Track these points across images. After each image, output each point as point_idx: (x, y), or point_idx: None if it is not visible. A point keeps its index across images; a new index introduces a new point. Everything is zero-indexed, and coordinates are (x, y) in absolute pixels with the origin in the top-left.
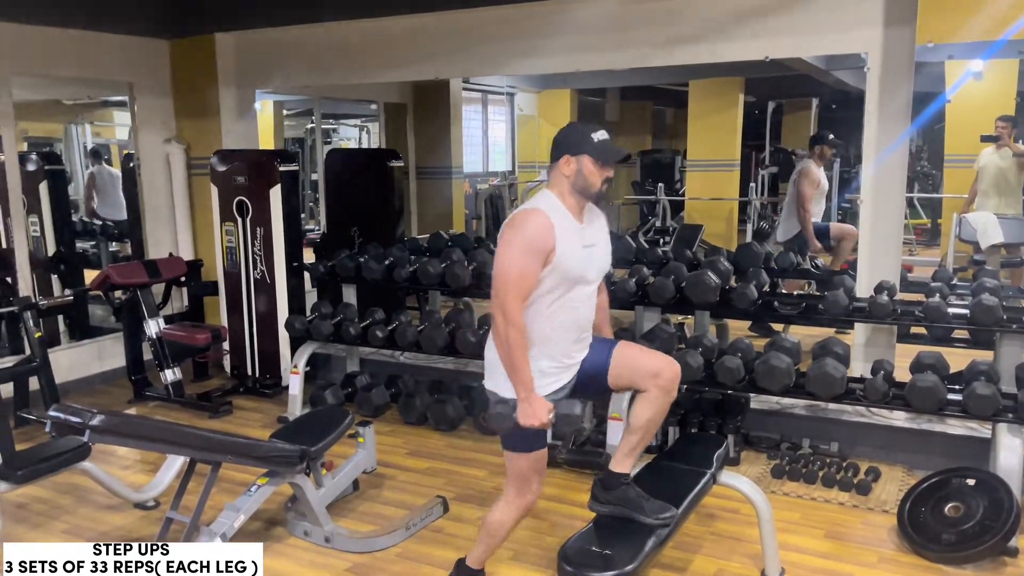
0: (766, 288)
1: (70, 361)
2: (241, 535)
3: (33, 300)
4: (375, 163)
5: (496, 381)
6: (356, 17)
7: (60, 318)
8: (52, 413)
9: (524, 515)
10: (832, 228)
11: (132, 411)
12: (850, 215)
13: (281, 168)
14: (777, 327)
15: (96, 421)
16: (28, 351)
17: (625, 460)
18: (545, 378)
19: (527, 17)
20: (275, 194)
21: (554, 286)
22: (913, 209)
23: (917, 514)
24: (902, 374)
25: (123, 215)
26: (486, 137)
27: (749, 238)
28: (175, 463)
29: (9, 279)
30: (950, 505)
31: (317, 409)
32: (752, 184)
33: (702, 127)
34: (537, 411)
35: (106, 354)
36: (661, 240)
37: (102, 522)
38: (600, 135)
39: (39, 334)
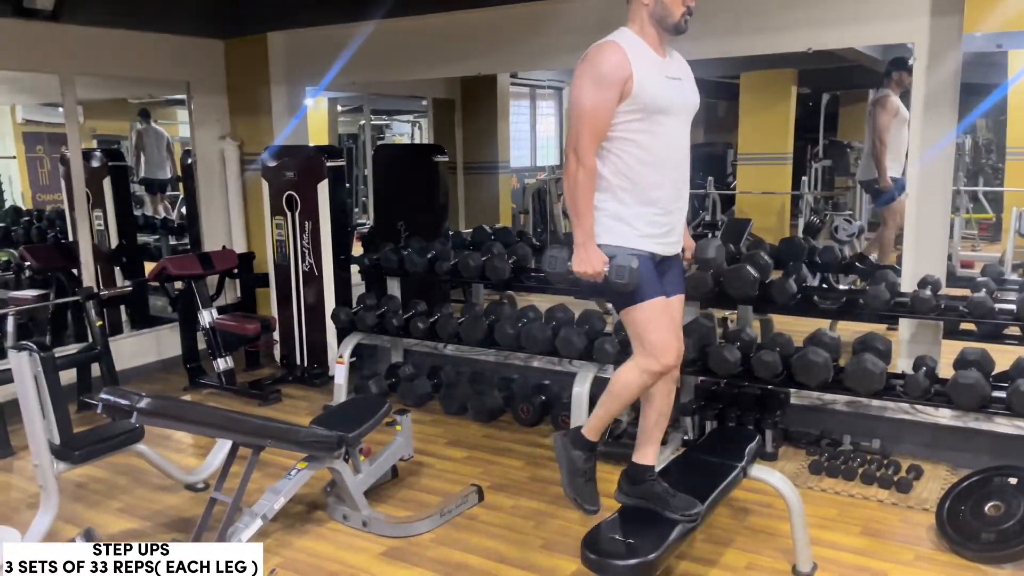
0: (806, 283)
1: (131, 349)
2: (284, 517)
3: (95, 290)
4: (421, 158)
5: (596, 232)
6: (403, 15)
7: (122, 308)
8: (103, 396)
9: (653, 382)
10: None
11: (187, 398)
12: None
13: (328, 164)
14: (823, 323)
15: (143, 404)
16: (90, 339)
17: (646, 449)
18: (650, 225)
19: (571, 12)
20: (323, 189)
21: (639, 120)
22: (978, 203)
23: (956, 512)
24: (948, 371)
25: (167, 175)
26: (534, 132)
27: (800, 233)
28: (224, 448)
29: (74, 270)
30: (990, 504)
31: (356, 397)
32: (804, 178)
33: (754, 120)
34: (592, 258)
35: (164, 343)
36: (710, 234)
37: (155, 502)
38: None
39: (100, 323)
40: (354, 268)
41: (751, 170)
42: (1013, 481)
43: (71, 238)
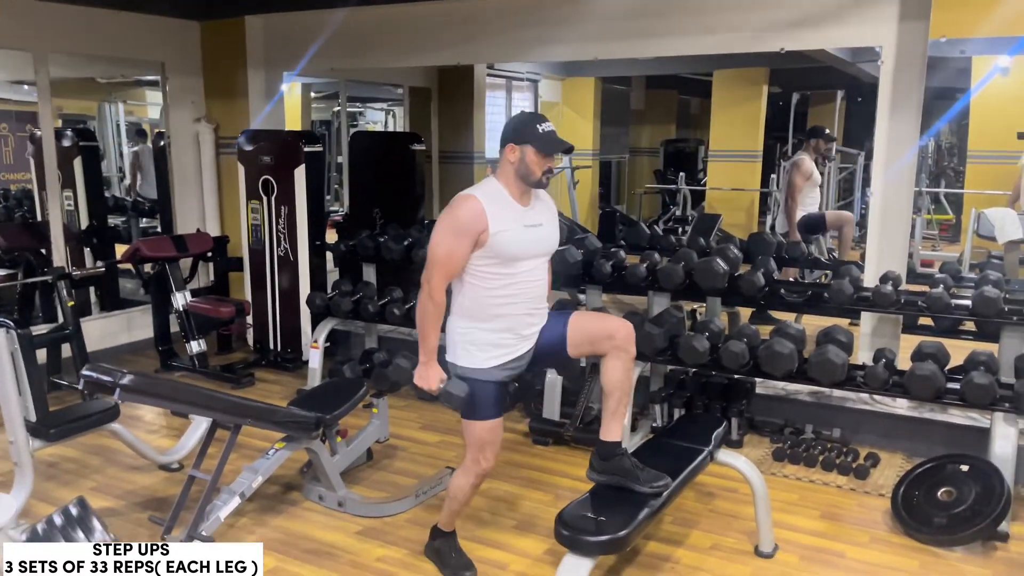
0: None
1: (101, 331)
2: (260, 498)
3: (66, 270)
4: (397, 146)
5: (455, 352)
6: (382, 2)
7: (92, 290)
8: (85, 372)
9: (480, 482)
10: (828, 216)
11: None
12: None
13: (306, 149)
14: (788, 316)
15: (126, 380)
16: (61, 319)
17: (611, 426)
18: (500, 349)
19: (548, 5)
20: (299, 174)
21: (495, 264)
22: (939, 205)
23: (911, 498)
24: (907, 364)
25: None
26: None
27: (768, 229)
28: (198, 429)
29: (44, 250)
30: (943, 490)
31: (333, 379)
32: (773, 175)
33: (725, 117)
34: (430, 377)
35: (135, 325)
36: (680, 229)
37: (129, 481)
38: (545, 126)
39: (71, 303)
40: (329, 255)
41: (722, 166)
42: (964, 468)
43: (40, 218)
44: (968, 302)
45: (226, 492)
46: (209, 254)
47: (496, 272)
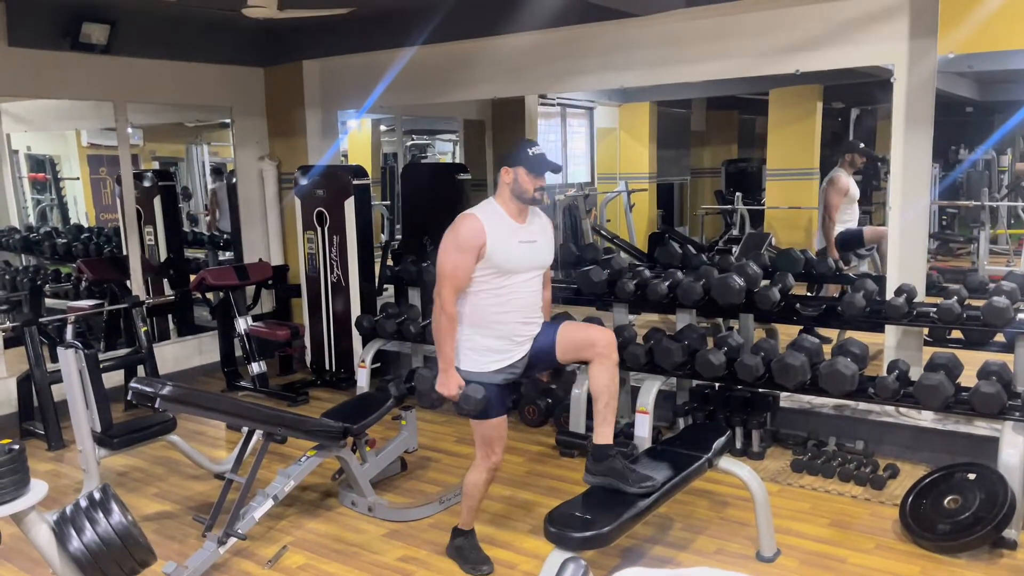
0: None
1: (175, 355)
2: (299, 503)
3: (140, 299)
4: (446, 177)
5: (459, 359)
6: (427, 43)
7: (170, 317)
8: (132, 385)
9: (491, 477)
10: (866, 232)
11: None
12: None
13: (355, 182)
14: (831, 333)
15: (165, 391)
16: (137, 343)
17: (602, 429)
18: (497, 354)
19: (590, 36)
20: (349, 205)
21: (493, 276)
22: (1019, 219)
23: (918, 506)
24: None
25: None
26: (565, 150)
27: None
28: (251, 442)
29: (127, 282)
30: (949, 498)
31: (364, 393)
32: None
33: (781, 136)
34: (450, 384)
35: (206, 349)
36: (734, 249)
37: (186, 488)
38: (535, 150)
39: (145, 328)
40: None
41: (779, 185)
42: (972, 476)
43: (124, 252)
44: (979, 313)
45: (260, 495)
46: (269, 281)
47: (493, 283)
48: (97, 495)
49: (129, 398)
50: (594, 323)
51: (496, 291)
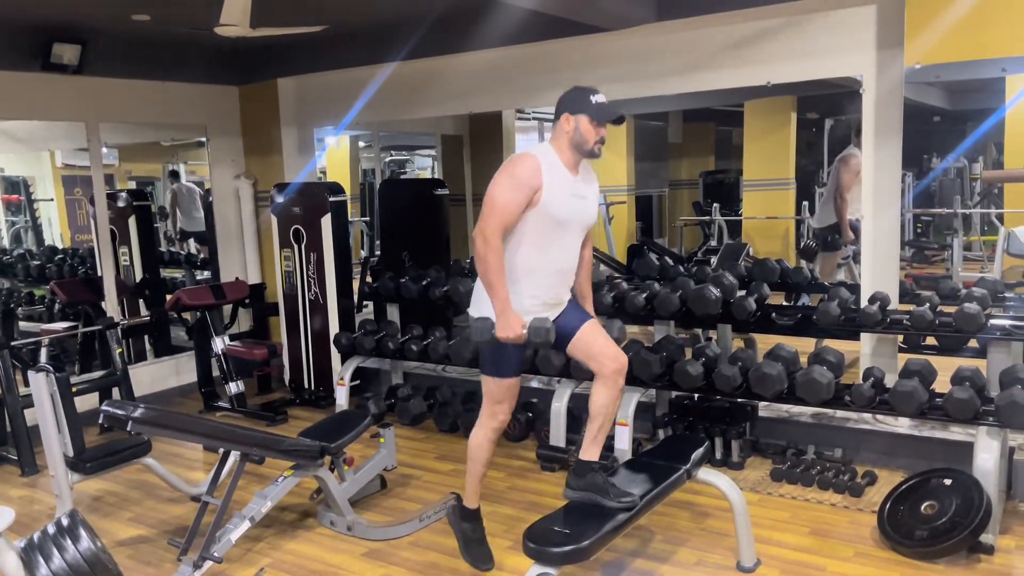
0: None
1: (151, 376)
2: (277, 524)
3: (114, 320)
4: (423, 192)
5: (480, 308)
6: (401, 60)
7: (146, 338)
8: (104, 408)
9: (496, 436)
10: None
11: None
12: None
13: (331, 199)
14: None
15: (137, 413)
16: (112, 365)
17: (591, 448)
18: (526, 315)
19: (564, 51)
20: (326, 222)
21: (540, 225)
22: (992, 226)
23: (896, 512)
24: None
25: (201, 226)
26: None
27: (797, 256)
28: (227, 463)
29: (101, 303)
30: (926, 504)
31: (341, 411)
32: (805, 202)
33: (756, 147)
34: (512, 323)
35: (183, 369)
36: (713, 259)
37: (162, 512)
38: (599, 97)
39: (120, 350)
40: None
41: (756, 195)
42: (948, 482)
43: (99, 273)
44: (951, 320)
45: (237, 516)
46: (246, 300)
47: (536, 236)
48: (65, 521)
49: (100, 421)
50: None
51: (537, 245)
